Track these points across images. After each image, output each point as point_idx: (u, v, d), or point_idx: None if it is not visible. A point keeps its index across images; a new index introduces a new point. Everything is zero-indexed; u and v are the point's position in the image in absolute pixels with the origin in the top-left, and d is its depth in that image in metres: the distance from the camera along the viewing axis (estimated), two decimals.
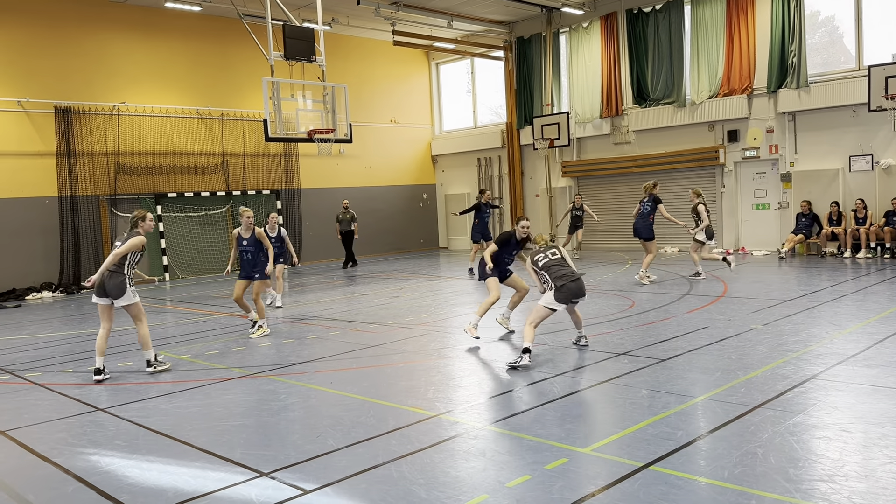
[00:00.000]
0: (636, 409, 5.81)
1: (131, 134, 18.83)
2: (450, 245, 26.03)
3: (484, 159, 24.78)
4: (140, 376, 8.01)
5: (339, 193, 22.43)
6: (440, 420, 5.82)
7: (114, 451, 5.48)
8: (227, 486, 4.66)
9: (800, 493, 4.08)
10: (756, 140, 18.24)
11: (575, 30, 21.52)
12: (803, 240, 16.99)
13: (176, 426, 6.02)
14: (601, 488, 4.30)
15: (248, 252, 10.16)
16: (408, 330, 10.01)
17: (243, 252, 10.18)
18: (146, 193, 19.13)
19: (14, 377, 8.31)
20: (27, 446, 5.71)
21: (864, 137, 16.64)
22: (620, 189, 21.02)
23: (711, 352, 7.66)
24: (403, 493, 4.38)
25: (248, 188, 20.93)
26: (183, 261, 19.70)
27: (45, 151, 17.61)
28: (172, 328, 11.39)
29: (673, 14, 19.30)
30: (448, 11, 20.78)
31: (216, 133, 20.40)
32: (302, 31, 15.69)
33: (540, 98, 22.50)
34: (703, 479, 4.36)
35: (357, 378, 7.46)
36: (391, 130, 24.67)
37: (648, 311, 10.30)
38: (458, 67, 25.87)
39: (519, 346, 8.19)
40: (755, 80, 18.10)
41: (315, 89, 16.50)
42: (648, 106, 20.05)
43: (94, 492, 4.69)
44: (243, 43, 19.55)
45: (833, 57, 17.75)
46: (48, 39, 17.59)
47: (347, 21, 21.16)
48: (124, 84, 18.75)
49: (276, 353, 8.92)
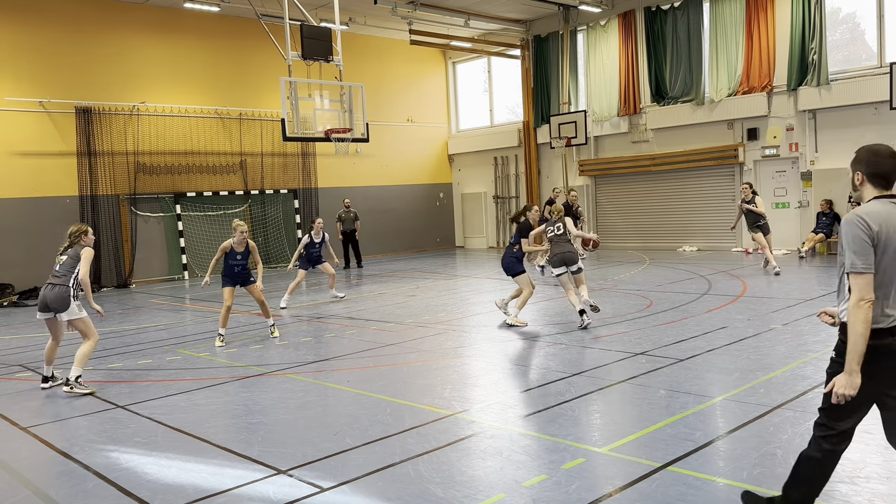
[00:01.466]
0: (654, 410, 5.77)
1: (151, 134, 19.00)
2: (466, 244, 26.01)
3: (500, 158, 24.74)
4: (159, 374, 8.08)
5: (356, 192, 22.50)
6: (457, 419, 5.82)
7: (133, 448, 5.53)
8: (245, 483, 4.69)
9: (820, 495, 4.04)
10: (776, 138, 18.07)
11: (592, 28, 21.42)
12: (824, 239, 16.81)
13: (195, 423, 6.07)
14: (618, 488, 4.28)
15: (239, 266, 9.93)
16: (424, 329, 10.02)
17: (234, 266, 9.91)
18: (165, 193, 19.30)
19: (36, 374, 8.41)
20: (48, 443, 5.78)
21: (886, 135, 16.41)
22: (638, 188, 20.92)
23: (730, 352, 7.60)
24: (420, 491, 4.39)
25: (265, 187, 21.04)
26: (202, 259, 19.83)
27: (66, 151, 17.81)
28: (191, 326, 11.48)
29: (691, 11, 19.15)
30: (465, 10, 20.76)
31: (234, 133, 20.53)
32: (319, 30, 15.75)
33: (557, 96, 22.42)
34: (721, 479, 4.33)
35: (374, 377, 7.48)
36: (408, 129, 24.69)
37: (666, 311, 10.24)
38: (475, 66, 25.84)
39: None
40: (775, 78, 17.93)
41: (332, 89, 16.56)
42: (667, 104, 19.92)
43: (113, 488, 4.74)
44: (261, 43, 19.67)
45: (854, 54, 17.54)
46: (69, 40, 17.78)
47: (364, 21, 21.21)
48: (144, 84, 18.92)
49: (293, 351, 8.97)
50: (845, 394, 3.20)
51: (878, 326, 3.21)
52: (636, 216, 20.89)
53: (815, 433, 3.48)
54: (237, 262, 9.93)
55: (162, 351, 9.42)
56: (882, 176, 3.30)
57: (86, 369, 8.30)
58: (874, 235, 3.19)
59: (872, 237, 3.19)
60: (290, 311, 12.36)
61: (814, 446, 3.47)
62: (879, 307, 3.22)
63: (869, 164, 3.32)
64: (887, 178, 3.31)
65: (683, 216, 20.17)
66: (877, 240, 3.19)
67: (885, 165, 3.29)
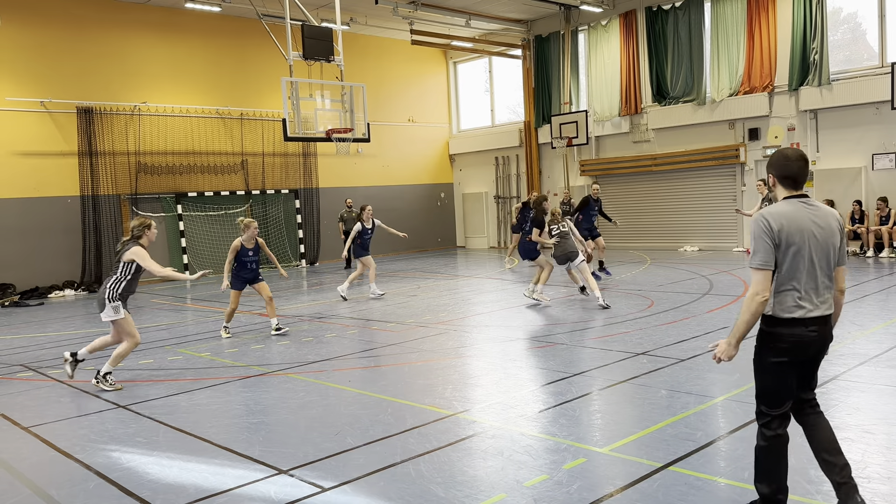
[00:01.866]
0: (655, 410, 5.77)
1: (152, 134, 19.01)
2: (467, 244, 26.01)
3: (502, 158, 24.75)
4: (161, 373, 8.09)
5: (357, 193, 22.50)
6: (458, 419, 5.82)
7: (135, 448, 5.53)
8: (246, 482, 4.69)
9: (821, 495, 4.04)
10: (777, 138, 18.06)
11: (594, 28, 21.42)
12: None
13: (196, 423, 6.07)
14: (620, 488, 4.28)
15: (253, 262, 10.00)
16: (425, 329, 10.02)
17: (248, 262, 9.96)
18: (167, 193, 19.31)
19: (37, 374, 8.42)
20: (50, 442, 5.78)
21: (888, 135, 16.42)
22: (639, 188, 20.91)
23: None
24: (421, 491, 4.39)
25: (266, 187, 21.05)
26: (203, 259, 19.84)
27: (68, 151, 17.82)
28: (192, 326, 11.48)
29: (693, 11, 19.15)
30: (466, 10, 20.76)
31: (235, 133, 20.54)
32: (320, 30, 15.75)
33: (558, 96, 22.42)
34: (722, 479, 4.33)
35: (375, 376, 7.48)
36: (409, 129, 24.70)
37: (668, 311, 10.24)
38: (476, 66, 25.84)
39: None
40: (776, 78, 17.92)
41: (333, 89, 16.57)
42: (668, 104, 19.91)
43: (115, 488, 4.74)
44: (262, 43, 19.69)
45: (856, 54, 17.53)
46: (70, 40, 17.79)
47: (365, 21, 21.21)
48: (145, 84, 18.93)
49: (294, 351, 8.97)
50: (721, 357, 3.69)
51: (792, 316, 3.48)
52: (637, 216, 20.88)
53: (757, 423, 3.74)
54: (250, 258, 9.98)
55: (163, 351, 9.42)
56: (791, 178, 3.56)
57: (86, 368, 8.32)
58: (775, 235, 3.45)
59: (773, 237, 3.45)
60: (290, 311, 12.35)
61: (759, 436, 3.71)
62: (792, 299, 3.49)
63: (779, 167, 3.59)
64: (795, 179, 3.56)
65: (685, 216, 20.17)
66: (778, 239, 3.45)
67: (793, 168, 3.56)
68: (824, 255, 3.51)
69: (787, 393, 3.61)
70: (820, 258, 3.50)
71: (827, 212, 3.56)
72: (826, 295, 3.54)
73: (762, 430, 3.68)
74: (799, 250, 3.46)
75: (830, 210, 3.60)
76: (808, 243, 3.47)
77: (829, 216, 3.55)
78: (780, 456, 3.65)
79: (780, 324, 3.51)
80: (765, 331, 3.58)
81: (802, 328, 3.49)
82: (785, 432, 3.65)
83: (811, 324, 3.49)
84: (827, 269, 3.54)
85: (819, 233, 3.49)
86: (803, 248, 3.47)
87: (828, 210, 3.58)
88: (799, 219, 3.48)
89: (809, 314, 3.49)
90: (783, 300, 3.50)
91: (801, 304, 3.48)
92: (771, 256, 3.46)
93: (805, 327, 3.49)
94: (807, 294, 3.49)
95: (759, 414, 3.72)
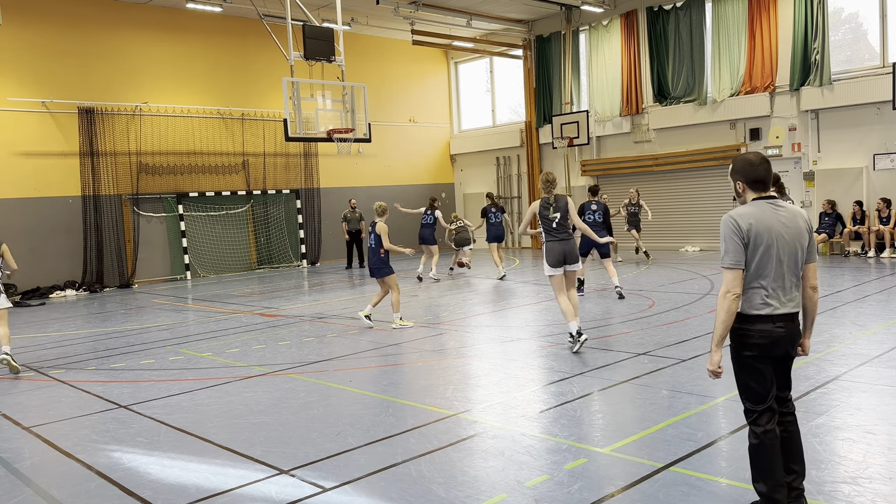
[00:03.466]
0: (656, 410, 5.77)
1: (153, 134, 19.02)
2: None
3: (503, 158, 24.75)
4: (162, 374, 8.09)
5: (359, 193, 22.51)
6: (459, 419, 5.82)
7: (136, 448, 5.53)
8: (247, 483, 4.70)
9: (822, 496, 4.04)
10: (778, 138, 18.05)
11: (595, 28, 21.42)
12: (826, 239, 16.79)
13: (197, 423, 6.07)
14: (621, 489, 4.28)
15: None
16: (426, 329, 10.02)
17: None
18: (168, 193, 19.32)
19: (39, 374, 8.43)
20: (51, 442, 5.79)
21: (889, 135, 16.41)
22: (641, 188, 20.87)
23: None
24: (422, 491, 4.39)
25: (268, 188, 21.06)
26: (204, 259, 19.88)
27: (69, 151, 17.84)
28: (194, 326, 11.49)
29: (694, 11, 19.15)
30: (467, 10, 20.77)
31: (237, 133, 20.55)
32: (321, 31, 15.75)
33: (559, 96, 22.42)
34: (723, 480, 4.32)
35: (376, 377, 7.48)
36: (410, 130, 24.71)
37: (669, 311, 10.23)
38: (477, 66, 25.85)
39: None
40: (777, 78, 17.91)
41: (334, 89, 16.57)
42: (669, 104, 19.91)
43: (116, 488, 4.74)
44: (263, 43, 19.71)
45: (857, 54, 17.52)
46: (71, 41, 17.81)
47: (367, 21, 21.22)
48: (146, 84, 18.94)
49: (295, 351, 8.97)
50: (711, 369, 3.70)
51: (760, 313, 3.60)
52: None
53: (747, 422, 3.79)
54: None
55: (164, 351, 9.43)
56: (759, 181, 3.68)
57: (87, 368, 8.33)
58: (743, 235, 3.56)
59: (742, 236, 3.56)
60: (291, 312, 12.36)
61: (750, 435, 3.76)
62: (760, 297, 3.60)
63: (745, 172, 3.69)
64: (763, 181, 3.68)
65: (686, 216, 20.17)
66: (747, 238, 3.56)
67: (759, 171, 3.66)
68: (792, 254, 3.62)
69: (767, 385, 3.68)
70: (788, 257, 3.61)
71: (794, 211, 3.67)
72: (794, 293, 3.65)
73: (752, 427, 3.74)
74: (767, 249, 3.57)
75: (798, 210, 3.71)
76: (776, 242, 3.58)
77: (796, 216, 3.66)
78: (772, 452, 3.69)
79: (748, 320, 3.61)
80: (736, 327, 3.66)
81: (770, 324, 3.59)
82: (774, 428, 3.71)
83: (778, 320, 3.60)
84: (794, 268, 3.64)
85: (786, 232, 3.60)
86: (771, 247, 3.57)
87: (795, 210, 3.69)
88: (766, 219, 3.59)
89: (776, 311, 3.59)
90: (751, 298, 3.60)
91: (769, 302, 3.59)
92: (741, 255, 3.57)
93: (773, 324, 3.59)
94: (774, 292, 3.59)
95: (746, 412, 3.79)
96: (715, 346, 3.66)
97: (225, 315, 12.45)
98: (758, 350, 3.62)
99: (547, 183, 8.37)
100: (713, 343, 3.67)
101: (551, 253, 8.18)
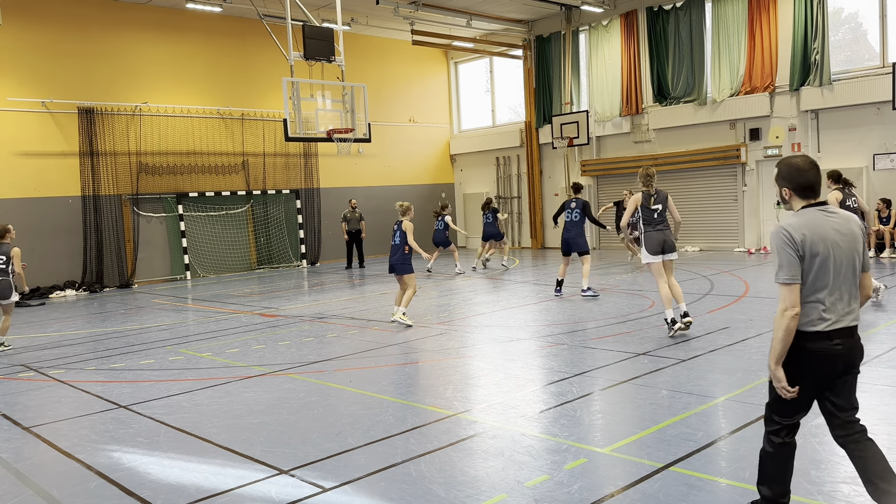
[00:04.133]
0: (656, 410, 5.77)
1: (153, 134, 19.02)
2: (468, 244, 26.00)
3: (502, 158, 24.74)
4: (162, 374, 8.09)
5: (358, 193, 22.51)
6: (459, 419, 5.82)
7: (135, 448, 5.53)
8: (247, 483, 4.70)
9: (822, 496, 4.04)
10: (778, 138, 18.05)
11: (594, 28, 21.42)
12: None
13: (197, 423, 6.07)
14: (621, 489, 4.28)
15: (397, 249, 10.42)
16: (426, 329, 10.02)
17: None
18: (167, 193, 19.32)
19: (38, 374, 8.43)
20: (51, 442, 5.79)
21: (889, 135, 16.41)
22: (640, 188, 20.86)
23: (732, 352, 7.59)
24: (422, 491, 4.39)
25: (268, 188, 21.06)
26: (204, 260, 19.88)
27: (69, 151, 17.84)
28: (193, 326, 11.49)
29: (694, 11, 19.15)
30: (467, 10, 20.77)
31: (236, 133, 20.55)
32: (321, 31, 15.75)
33: (559, 96, 22.43)
34: (723, 480, 4.32)
35: (376, 377, 7.48)
36: (410, 130, 24.70)
37: None
38: (477, 66, 25.84)
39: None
40: (777, 78, 17.91)
41: (334, 89, 16.57)
42: (669, 104, 19.91)
43: (116, 488, 4.74)
44: (263, 43, 19.71)
45: (857, 54, 17.52)
46: (71, 41, 17.81)
47: (366, 21, 21.22)
48: (146, 84, 18.94)
49: (295, 351, 8.97)
50: (782, 388, 3.39)
51: (816, 329, 3.34)
52: None
53: (765, 429, 3.65)
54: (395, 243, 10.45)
55: (164, 351, 9.43)
56: (807, 187, 3.45)
57: (87, 369, 8.32)
58: (798, 247, 3.32)
59: (796, 248, 3.32)
60: (291, 312, 12.36)
61: (766, 442, 3.63)
62: (817, 312, 3.35)
63: (792, 178, 3.47)
64: (813, 187, 3.45)
65: (685, 216, 20.06)
66: (801, 250, 3.32)
67: (808, 177, 3.44)
68: (849, 263, 3.39)
69: (801, 407, 3.51)
70: (846, 267, 3.38)
71: (846, 217, 3.45)
72: (853, 305, 3.41)
73: (770, 436, 3.60)
74: (824, 261, 3.33)
75: (850, 215, 3.49)
76: (833, 252, 3.35)
77: (849, 221, 3.43)
78: (786, 462, 3.60)
79: (803, 337, 3.36)
80: None
81: (827, 342, 3.34)
82: (793, 440, 3.59)
83: (835, 336, 3.35)
84: (853, 277, 3.41)
85: (842, 240, 3.37)
86: (828, 258, 3.34)
87: (847, 215, 3.47)
88: (820, 228, 3.36)
89: (833, 326, 3.35)
90: (808, 313, 3.35)
91: (825, 317, 3.34)
92: (797, 269, 3.32)
93: (829, 341, 3.35)
94: (832, 305, 3.36)
95: (768, 420, 3.62)
96: (774, 365, 3.38)
97: (225, 315, 12.45)
98: (808, 370, 3.38)
99: (647, 177, 9.05)
100: (772, 362, 3.38)
101: (651, 241, 8.76)
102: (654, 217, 8.84)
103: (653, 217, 8.81)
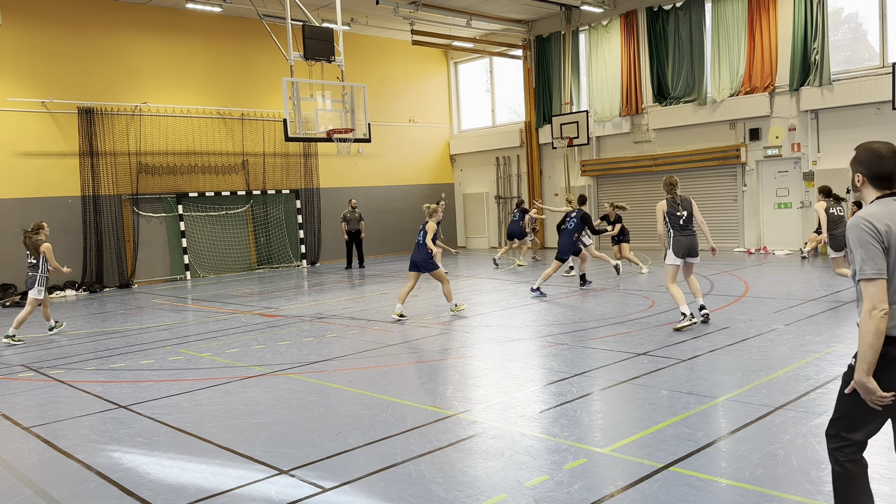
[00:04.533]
0: (656, 410, 5.77)
1: (153, 134, 19.02)
2: (468, 244, 26.01)
3: (502, 158, 24.74)
4: (162, 374, 8.09)
5: (358, 193, 22.51)
6: (458, 419, 5.82)
7: (135, 448, 5.53)
8: (246, 483, 4.69)
9: (822, 496, 4.04)
10: (778, 138, 18.05)
11: (594, 28, 21.42)
12: (826, 239, 16.75)
13: (196, 424, 6.07)
14: (620, 489, 4.28)
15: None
16: (426, 329, 10.02)
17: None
18: (167, 193, 19.32)
19: (38, 374, 8.43)
20: (50, 442, 5.79)
21: (889, 135, 16.40)
22: (640, 188, 20.90)
23: (732, 352, 7.59)
24: (422, 491, 4.39)
25: (267, 188, 21.06)
26: (204, 260, 19.87)
27: (68, 151, 17.83)
28: (193, 326, 11.48)
29: (693, 11, 19.15)
30: (467, 10, 20.77)
31: (236, 133, 20.55)
32: (321, 31, 15.75)
33: (559, 97, 22.43)
34: (723, 480, 4.32)
35: (376, 377, 7.48)
36: (410, 130, 24.70)
37: (668, 311, 10.23)
38: (477, 66, 25.85)
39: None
40: (777, 78, 17.92)
41: (334, 89, 16.57)
42: (669, 104, 19.91)
43: (115, 488, 4.74)
44: (263, 43, 19.70)
45: (856, 54, 17.52)
46: (71, 41, 17.80)
47: (366, 21, 21.22)
48: (146, 84, 18.94)
49: (295, 351, 8.97)
50: (873, 400, 3.02)
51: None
52: (638, 216, 20.84)
53: (829, 446, 3.26)
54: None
55: (164, 351, 9.43)
56: (885, 177, 3.12)
57: (87, 369, 8.32)
58: (882, 238, 2.97)
59: (881, 240, 2.97)
60: (291, 311, 12.36)
61: (833, 462, 3.26)
62: None
63: (870, 165, 3.15)
64: (890, 178, 3.12)
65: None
66: (886, 242, 2.97)
67: (888, 166, 3.10)
68: None
69: (876, 424, 3.14)
70: None
71: None
72: None
73: (835, 454, 3.20)
74: None
75: None
76: None
77: None
78: (861, 484, 3.19)
79: (886, 343, 2.97)
80: None
81: None
82: (863, 457, 3.19)
83: None
84: None
85: None
86: None
87: None
88: None
89: None
90: (891, 315, 2.98)
91: None
92: (884, 262, 2.95)
93: None
94: None
95: (831, 436, 3.22)
96: (865, 375, 2.97)
97: (225, 315, 12.45)
98: (891, 380, 2.98)
99: (670, 185, 9.50)
100: (862, 373, 2.97)
101: (678, 245, 9.14)
102: (680, 223, 9.21)
103: (678, 223, 9.18)
